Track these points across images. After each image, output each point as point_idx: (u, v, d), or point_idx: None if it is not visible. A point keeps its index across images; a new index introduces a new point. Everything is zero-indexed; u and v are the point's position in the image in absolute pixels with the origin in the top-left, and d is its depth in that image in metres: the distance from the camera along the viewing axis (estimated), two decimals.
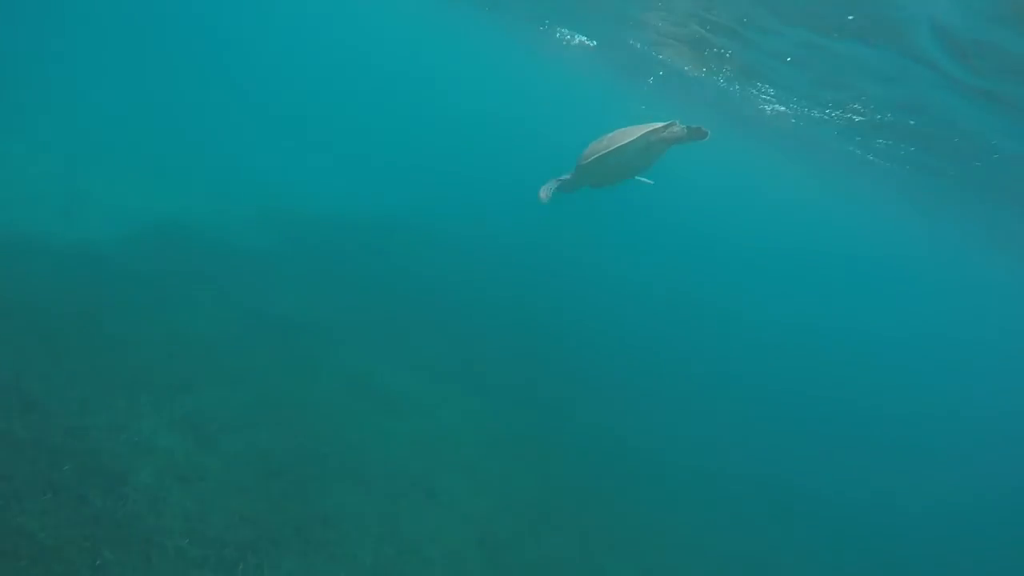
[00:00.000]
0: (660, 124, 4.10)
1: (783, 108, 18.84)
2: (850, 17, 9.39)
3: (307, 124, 31.52)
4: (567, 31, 22.50)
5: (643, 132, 4.07)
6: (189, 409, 7.00)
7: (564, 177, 4.85)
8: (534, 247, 23.81)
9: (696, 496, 11.70)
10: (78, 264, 9.32)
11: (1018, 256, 25.99)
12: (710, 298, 28.83)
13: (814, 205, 45.18)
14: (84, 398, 6.14)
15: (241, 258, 13.38)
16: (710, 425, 15.39)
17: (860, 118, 15.80)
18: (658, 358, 18.64)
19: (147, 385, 6.91)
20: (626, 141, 4.06)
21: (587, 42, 23.20)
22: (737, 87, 18.42)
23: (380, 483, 7.51)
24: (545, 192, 4.73)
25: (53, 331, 7.13)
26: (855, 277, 67.66)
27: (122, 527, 5.02)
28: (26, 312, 7.37)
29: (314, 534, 6.15)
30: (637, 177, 4.41)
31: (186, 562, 5.08)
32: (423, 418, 9.77)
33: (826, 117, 17.22)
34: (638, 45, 18.82)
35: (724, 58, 15.68)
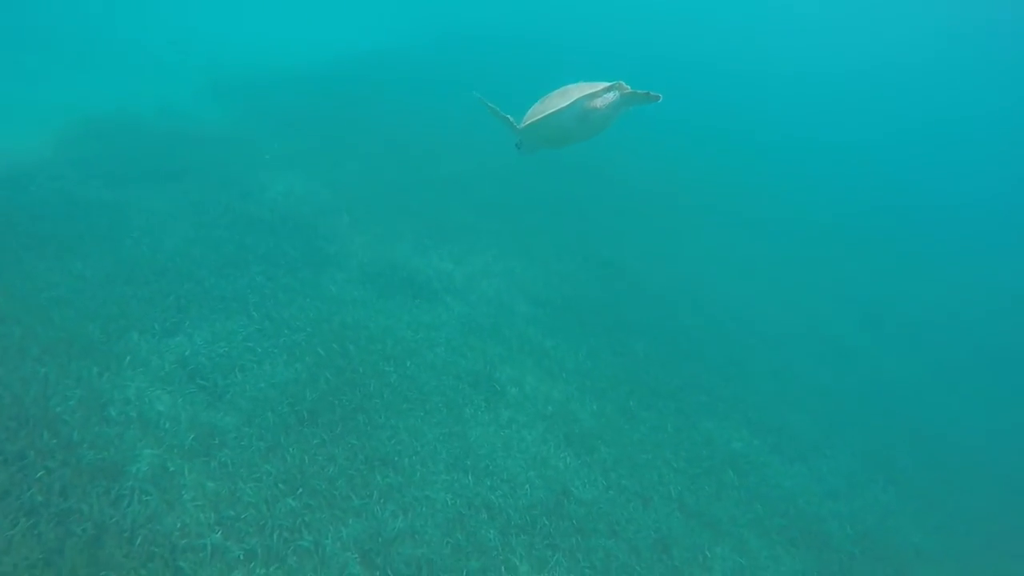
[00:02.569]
0: (600, 86, 3.87)
1: None
2: None
3: None
4: None
5: (576, 97, 3.85)
6: (180, 353, 5.90)
7: (517, 143, 4.50)
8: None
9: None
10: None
11: None
12: None
13: None
14: (42, 374, 4.99)
15: (206, 145, 11.65)
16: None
17: None
18: None
19: (120, 336, 5.74)
20: (555, 109, 3.90)
21: None
22: None
23: (435, 397, 6.55)
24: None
25: None
26: None
27: (134, 539, 4.10)
28: None
29: (374, 483, 5.27)
30: (647, 91, 3.93)
31: (227, 562, 4.22)
32: (466, 303, 8.63)
33: None
34: None
35: None
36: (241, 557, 4.31)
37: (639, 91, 3.93)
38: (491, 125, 4.66)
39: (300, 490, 4.94)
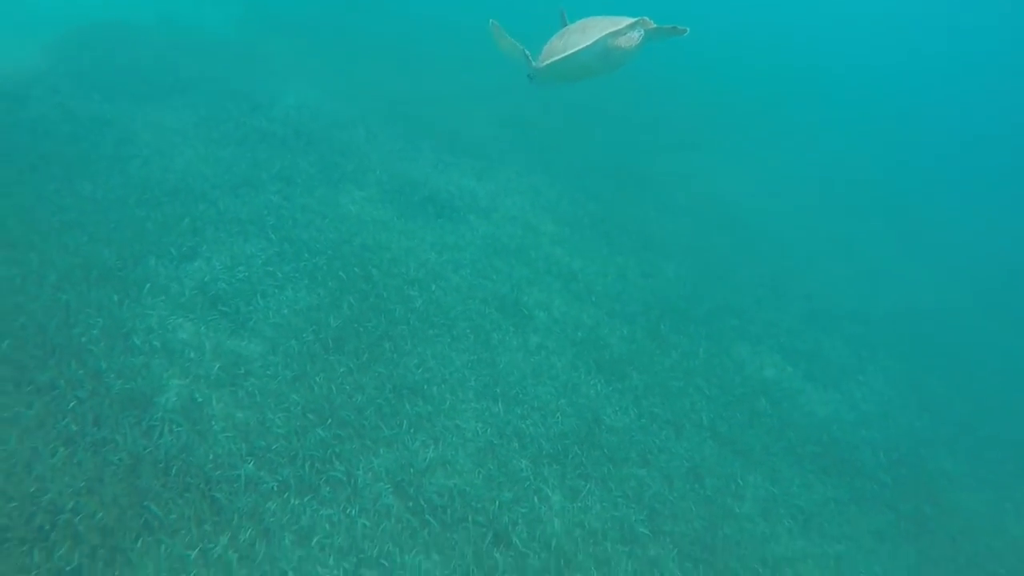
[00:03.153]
0: (625, 22, 3.75)
1: None
2: None
3: None
4: None
5: (599, 36, 3.76)
6: (200, 278, 5.79)
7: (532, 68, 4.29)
8: None
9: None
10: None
11: None
12: None
13: None
14: (63, 302, 4.92)
15: (211, 55, 11.07)
16: None
17: None
18: None
19: (137, 262, 5.62)
20: (576, 48, 3.80)
21: None
22: None
23: (462, 322, 6.45)
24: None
25: None
26: None
27: (169, 469, 4.13)
28: None
29: (403, 412, 5.26)
30: (673, 25, 3.81)
31: (261, 493, 4.27)
32: (490, 222, 8.39)
33: None
34: None
35: None
36: (275, 488, 4.35)
37: (664, 26, 3.79)
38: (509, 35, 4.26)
39: (329, 420, 4.93)
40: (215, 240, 6.32)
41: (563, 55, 3.86)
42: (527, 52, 4.21)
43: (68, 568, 3.40)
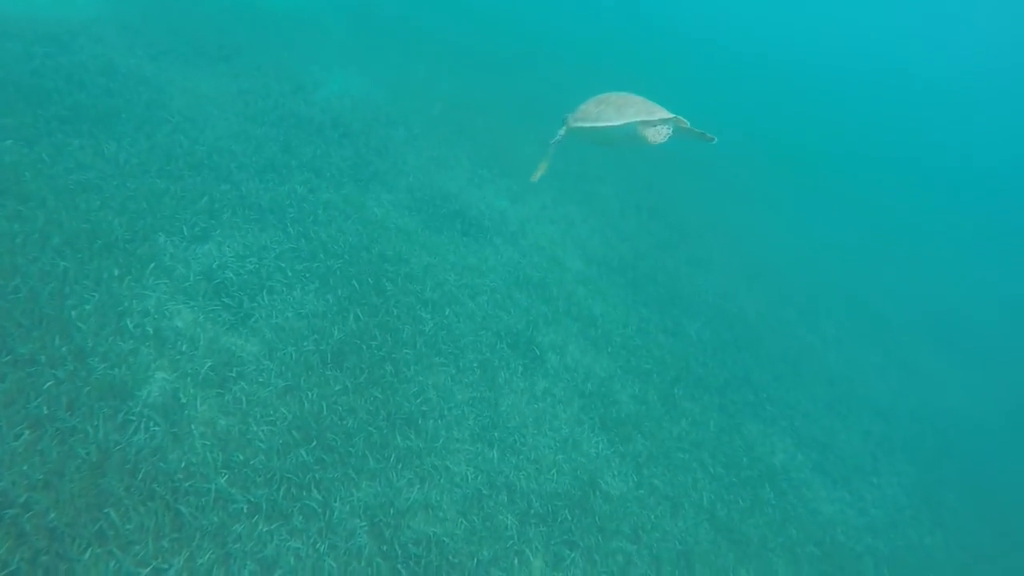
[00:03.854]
0: (660, 114, 3.92)
1: None
2: None
3: None
4: None
5: (632, 120, 3.93)
6: (207, 264, 5.60)
7: (559, 135, 4.59)
8: None
9: None
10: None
11: None
12: None
13: None
14: (61, 269, 4.74)
15: (266, 25, 10.97)
16: None
17: None
18: None
19: (146, 236, 5.44)
20: (608, 123, 3.99)
21: None
22: None
23: (471, 354, 6.23)
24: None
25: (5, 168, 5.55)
26: None
27: (136, 472, 3.92)
28: None
29: (393, 443, 5.04)
30: (703, 132, 4.01)
31: (228, 513, 4.05)
32: (516, 248, 8.18)
33: None
34: None
35: None
36: (245, 509, 4.13)
37: (695, 129, 3.99)
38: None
39: (315, 442, 4.72)
40: (231, 225, 6.15)
41: (593, 124, 4.07)
42: (558, 137, 4.55)
43: (3, 572, 3.18)
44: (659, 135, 3.95)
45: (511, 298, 7.33)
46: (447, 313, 6.51)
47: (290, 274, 5.98)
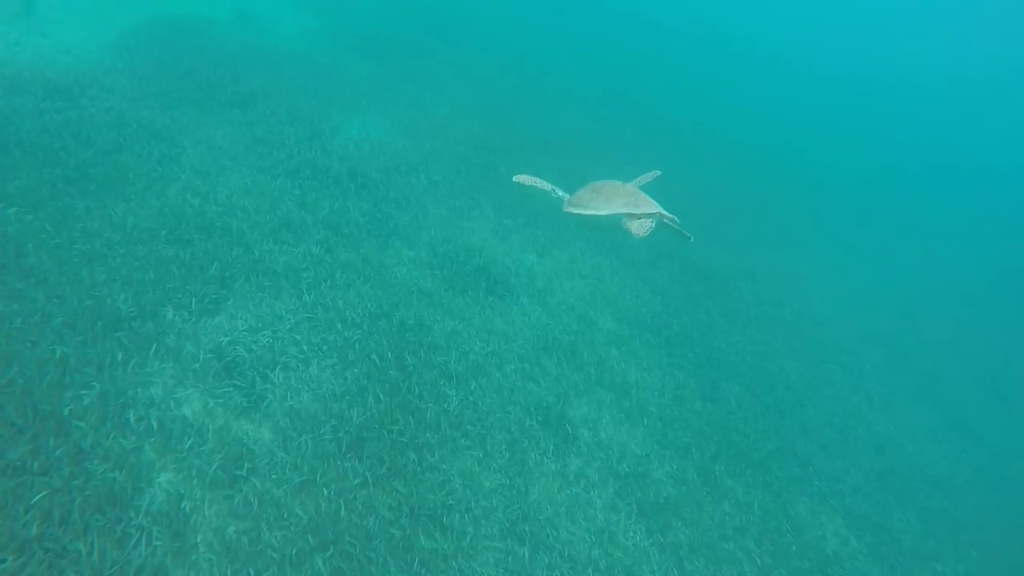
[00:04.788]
0: (646, 207, 4.20)
1: None
2: None
3: None
4: None
5: (620, 210, 4.25)
6: (218, 340, 5.34)
7: (558, 194, 4.83)
8: None
9: None
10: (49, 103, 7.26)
11: None
12: None
13: None
14: (59, 356, 4.48)
15: (281, 66, 10.86)
16: None
17: None
18: None
19: (152, 312, 5.19)
20: (599, 213, 4.30)
21: None
22: None
23: (499, 434, 5.90)
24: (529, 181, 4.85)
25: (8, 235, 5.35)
26: None
27: None
28: None
29: (417, 546, 4.69)
30: (681, 230, 4.36)
31: None
32: (545, 308, 7.86)
33: None
34: None
35: None
36: None
37: (676, 226, 4.31)
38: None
39: (331, 550, 4.39)
40: (243, 293, 5.90)
41: (582, 212, 4.38)
42: (555, 189, 4.78)
43: None
44: (642, 228, 4.21)
45: (540, 365, 7.00)
46: (473, 387, 6.20)
47: (306, 348, 5.70)
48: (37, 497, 3.75)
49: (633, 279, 9.59)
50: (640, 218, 4.21)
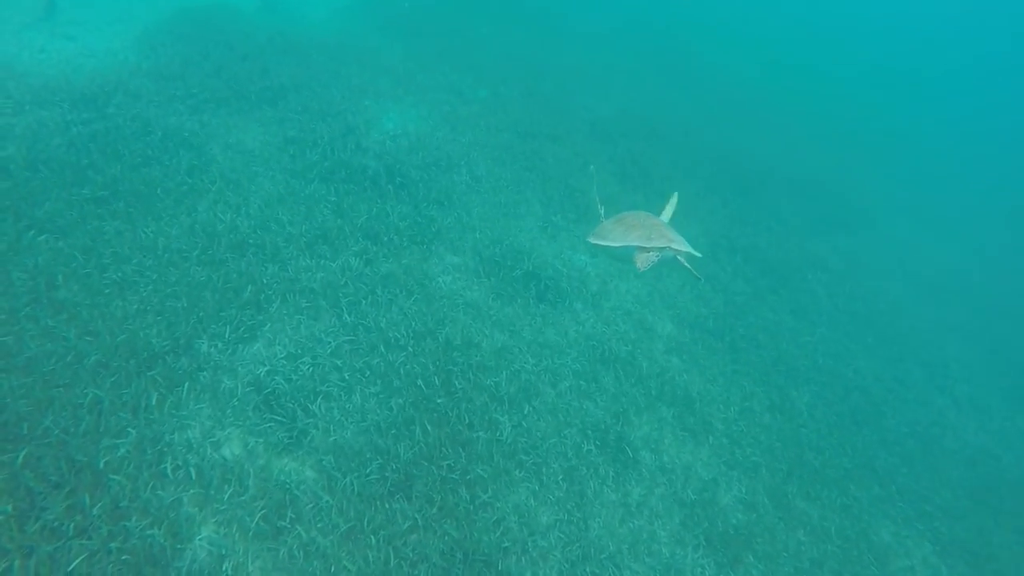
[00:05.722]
0: (658, 243, 4.42)
1: None
2: None
3: None
4: None
5: (633, 243, 4.48)
6: (255, 371, 5.22)
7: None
8: None
9: None
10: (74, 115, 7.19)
11: None
12: None
13: None
14: (92, 399, 4.40)
15: (311, 57, 10.63)
16: None
17: None
18: None
19: (187, 345, 5.09)
20: (613, 244, 4.59)
21: None
22: None
23: (555, 462, 5.69)
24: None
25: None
26: None
27: None
28: None
29: None
30: (692, 269, 4.71)
31: None
32: (599, 314, 7.56)
33: None
34: None
35: None
36: None
37: (687, 263, 4.70)
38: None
39: None
40: (280, 317, 5.76)
41: (599, 242, 4.70)
42: (601, 210, 5.27)
43: None
44: (644, 262, 4.44)
45: (596, 381, 6.73)
46: (526, 411, 5.98)
47: (347, 375, 5.54)
48: (75, 563, 3.67)
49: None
50: (649, 251, 4.42)
